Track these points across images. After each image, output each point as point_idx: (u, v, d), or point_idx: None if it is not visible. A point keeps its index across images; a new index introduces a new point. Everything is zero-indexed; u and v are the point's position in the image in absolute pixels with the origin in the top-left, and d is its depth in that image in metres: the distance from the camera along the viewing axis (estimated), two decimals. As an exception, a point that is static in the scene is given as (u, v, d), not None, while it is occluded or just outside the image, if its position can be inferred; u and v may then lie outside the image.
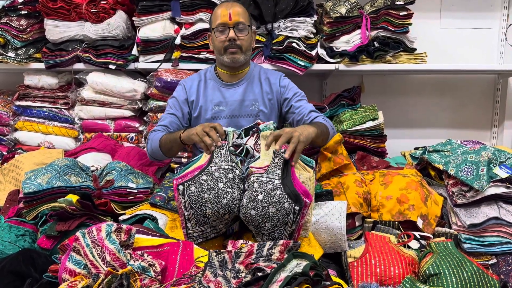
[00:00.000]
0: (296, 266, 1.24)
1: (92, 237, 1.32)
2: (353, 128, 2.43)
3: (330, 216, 1.63)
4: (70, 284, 1.23)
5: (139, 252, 1.37)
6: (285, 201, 1.41)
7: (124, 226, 1.38)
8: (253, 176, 1.48)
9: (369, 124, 2.45)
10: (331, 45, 2.69)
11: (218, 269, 1.30)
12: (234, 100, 2.10)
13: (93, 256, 1.28)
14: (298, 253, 1.29)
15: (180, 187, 1.47)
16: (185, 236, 1.54)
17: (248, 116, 2.11)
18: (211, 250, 1.36)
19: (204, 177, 1.46)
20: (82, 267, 1.28)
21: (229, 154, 1.55)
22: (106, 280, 1.18)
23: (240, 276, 1.26)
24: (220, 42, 1.99)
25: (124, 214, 1.75)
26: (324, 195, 1.78)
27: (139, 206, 1.79)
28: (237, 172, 1.51)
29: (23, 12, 2.65)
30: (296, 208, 1.41)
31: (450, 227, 1.79)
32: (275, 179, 1.46)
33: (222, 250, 1.36)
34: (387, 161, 2.34)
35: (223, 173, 1.48)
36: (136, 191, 1.81)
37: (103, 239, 1.32)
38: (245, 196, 1.46)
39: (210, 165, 1.50)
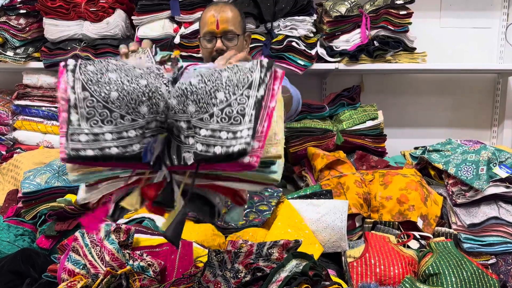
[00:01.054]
0: (296, 266, 1.24)
1: (91, 237, 1.32)
2: (353, 128, 2.42)
3: (331, 215, 1.63)
4: (69, 284, 1.22)
5: (138, 252, 1.37)
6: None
7: (123, 226, 1.38)
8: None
9: (369, 123, 2.44)
10: (330, 44, 2.68)
11: (218, 269, 1.30)
12: None
13: (92, 256, 1.28)
14: (298, 253, 1.29)
15: (71, 64, 0.88)
16: (65, 142, 0.83)
17: None
18: (210, 249, 1.36)
19: (113, 61, 0.93)
20: (81, 267, 1.28)
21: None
22: (105, 280, 1.18)
23: (239, 276, 1.26)
24: (207, 51, 1.82)
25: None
26: (323, 194, 1.78)
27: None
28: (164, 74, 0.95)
29: (22, 11, 2.64)
30: (264, 63, 0.87)
31: (449, 227, 1.79)
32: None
33: (221, 250, 1.36)
34: (386, 161, 2.33)
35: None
36: (135, 191, 1.80)
37: (102, 239, 1.32)
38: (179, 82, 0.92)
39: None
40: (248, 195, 1.62)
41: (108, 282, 1.18)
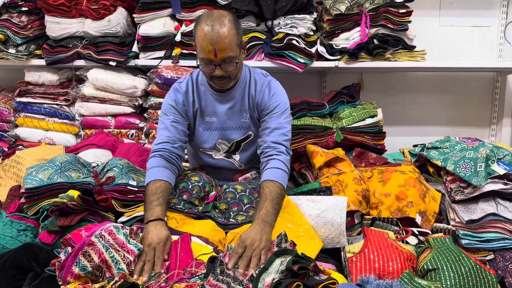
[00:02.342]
0: (281, 264, 1.24)
1: (108, 241, 1.32)
2: (353, 125, 2.44)
3: (330, 212, 1.64)
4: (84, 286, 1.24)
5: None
6: None
7: (134, 227, 1.42)
8: None
9: (368, 121, 2.45)
10: (330, 42, 2.70)
11: (220, 275, 1.32)
12: (224, 112, 1.95)
13: (114, 261, 1.29)
14: (280, 250, 1.30)
15: None
16: None
17: (238, 128, 1.98)
18: (217, 258, 1.37)
19: None
20: (87, 273, 1.29)
21: None
22: (119, 283, 1.20)
23: (243, 284, 1.28)
24: (207, 73, 1.80)
25: (124, 212, 1.76)
26: (323, 191, 1.79)
27: (138, 207, 1.78)
28: None
29: (23, 9, 2.66)
30: None
31: (448, 223, 1.80)
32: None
33: (224, 261, 1.37)
34: (385, 158, 2.34)
35: None
36: (136, 189, 1.81)
37: (124, 243, 1.34)
38: None
39: None
40: (248, 190, 1.64)
41: (121, 285, 1.20)
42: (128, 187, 1.81)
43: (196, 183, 1.82)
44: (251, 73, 1.98)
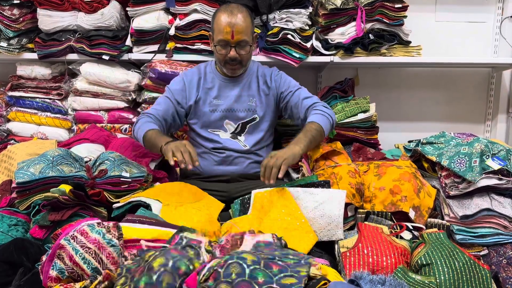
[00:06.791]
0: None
1: (80, 242, 1.28)
2: (345, 121, 2.42)
3: (328, 204, 1.65)
4: (65, 286, 1.22)
5: (134, 251, 1.36)
6: None
7: (111, 224, 1.35)
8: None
9: (360, 116, 2.43)
10: (326, 37, 2.68)
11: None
12: (232, 95, 2.13)
13: (86, 262, 1.25)
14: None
15: None
16: None
17: (245, 110, 2.15)
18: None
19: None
20: (65, 277, 1.26)
21: None
22: (103, 284, 1.17)
23: None
24: (221, 56, 1.99)
25: (118, 202, 1.75)
26: (321, 185, 1.79)
27: (133, 194, 1.79)
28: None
29: (15, 2, 2.61)
30: None
31: (442, 218, 1.80)
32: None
33: (216, 253, 1.30)
34: (383, 153, 2.34)
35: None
36: (130, 180, 1.80)
37: (98, 240, 1.28)
38: None
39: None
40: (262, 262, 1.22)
41: (106, 287, 1.18)
42: (121, 179, 1.80)
43: (163, 268, 1.13)
44: (258, 66, 2.23)
